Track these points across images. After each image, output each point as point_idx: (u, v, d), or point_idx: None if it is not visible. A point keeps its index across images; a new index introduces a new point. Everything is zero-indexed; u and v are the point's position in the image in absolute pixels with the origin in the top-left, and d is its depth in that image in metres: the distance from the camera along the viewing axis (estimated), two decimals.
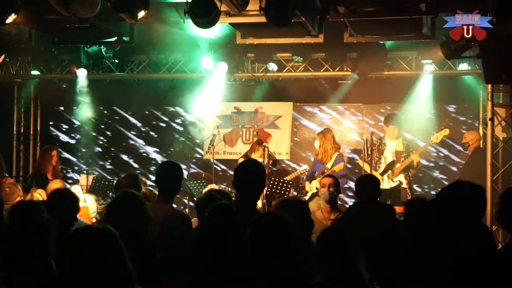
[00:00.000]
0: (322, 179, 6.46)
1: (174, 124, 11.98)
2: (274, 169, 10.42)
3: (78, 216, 5.56)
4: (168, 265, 4.28)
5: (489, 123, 8.00)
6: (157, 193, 5.04)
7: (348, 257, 3.49)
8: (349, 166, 10.73)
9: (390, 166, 9.20)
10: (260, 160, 9.09)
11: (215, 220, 3.64)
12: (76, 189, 7.07)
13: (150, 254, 4.04)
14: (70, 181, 11.10)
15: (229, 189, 9.11)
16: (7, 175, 9.31)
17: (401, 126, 9.59)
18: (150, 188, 5.89)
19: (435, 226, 3.79)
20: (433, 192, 10.47)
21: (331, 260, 3.49)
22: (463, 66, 9.93)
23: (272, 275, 3.11)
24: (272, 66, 10.56)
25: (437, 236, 3.75)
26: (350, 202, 10.70)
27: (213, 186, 8.61)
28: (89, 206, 7.18)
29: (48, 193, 4.57)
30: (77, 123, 12.21)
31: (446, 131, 9.16)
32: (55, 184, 5.98)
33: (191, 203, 9.49)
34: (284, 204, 4.38)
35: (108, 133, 12.17)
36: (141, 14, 6.62)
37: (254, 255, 3.16)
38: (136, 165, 11.99)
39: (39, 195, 6.52)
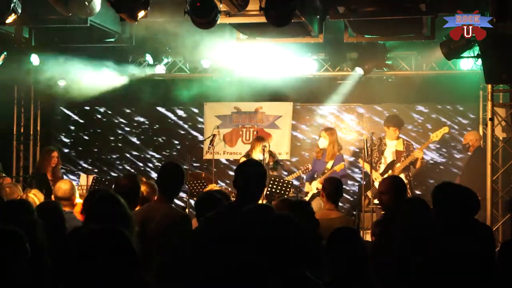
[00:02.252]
0: None
1: (174, 124, 11.98)
2: (279, 165, 10.32)
3: (73, 213, 5.56)
4: (168, 265, 4.28)
5: (489, 123, 8.00)
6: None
7: (356, 257, 3.40)
8: (349, 166, 10.74)
9: (390, 166, 9.20)
10: (261, 155, 9.05)
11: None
12: None
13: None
14: None
15: (229, 189, 9.11)
16: (4, 174, 9.29)
17: (401, 126, 9.58)
18: (152, 182, 5.79)
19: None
20: None
21: (339, 261, 3.41)
22: (464, 66, 9.92)
23: (286, 276, 3.10)
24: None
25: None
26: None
27: (214, 186, 8.60)
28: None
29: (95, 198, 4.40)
30: (77, 123, 12.21)
31: (446, 129, 9.21)
32: (64, 184, 5.91)
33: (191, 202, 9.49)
34: (288, 204, 4.37)
35: (109, 133, 12.17)
36: (141, 14, 6.61)
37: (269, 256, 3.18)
38: (136, 165, 11.99)
39: (34, 195, 6.47)
